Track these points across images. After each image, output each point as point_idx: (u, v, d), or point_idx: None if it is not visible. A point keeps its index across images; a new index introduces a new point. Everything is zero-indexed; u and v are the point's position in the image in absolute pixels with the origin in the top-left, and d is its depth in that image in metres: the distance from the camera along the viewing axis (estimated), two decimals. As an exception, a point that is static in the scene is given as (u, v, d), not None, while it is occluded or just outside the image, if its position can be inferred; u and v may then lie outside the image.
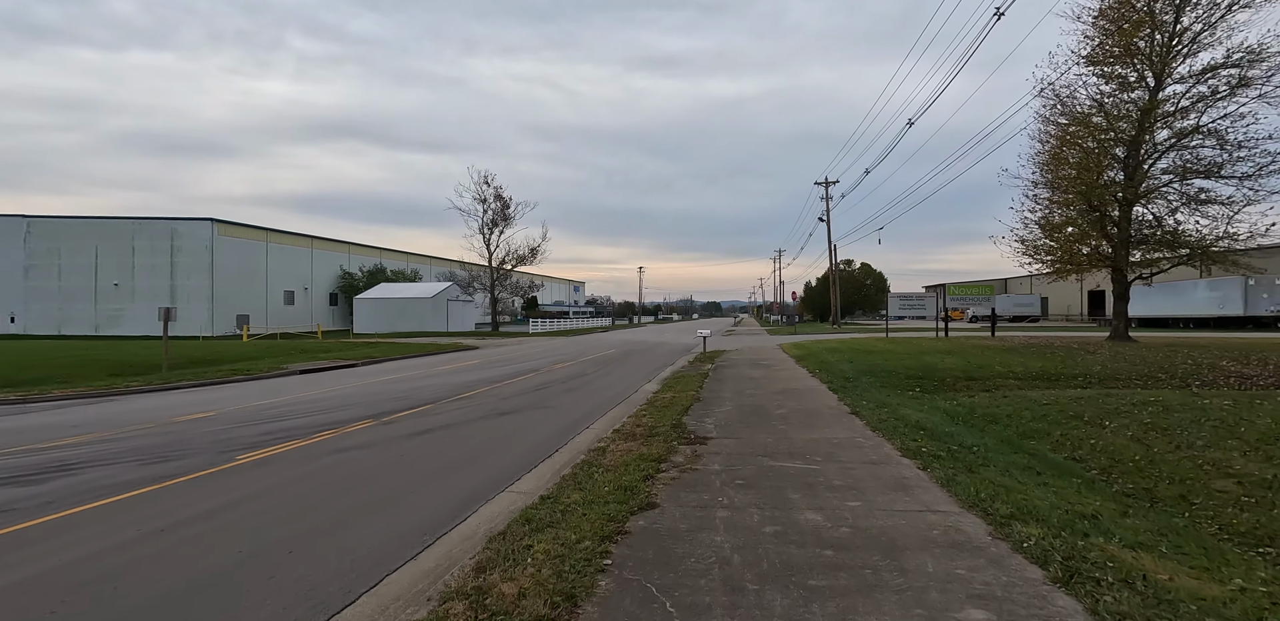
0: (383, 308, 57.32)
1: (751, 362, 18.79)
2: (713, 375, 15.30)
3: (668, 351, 26.87)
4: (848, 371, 15.14)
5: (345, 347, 29.85)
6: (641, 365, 20.08)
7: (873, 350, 21.14)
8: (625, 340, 37.08)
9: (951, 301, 28.40)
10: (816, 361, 18.13)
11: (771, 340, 34.71)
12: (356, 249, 73.99)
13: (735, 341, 34.42)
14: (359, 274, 70.52)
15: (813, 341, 28.53)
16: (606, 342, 34.36)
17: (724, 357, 21.19)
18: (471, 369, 19.43)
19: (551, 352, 26.38)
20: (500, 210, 52.03)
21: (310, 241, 66.10)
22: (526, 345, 32.99)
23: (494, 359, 23.51)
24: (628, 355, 24.42)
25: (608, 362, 21.15)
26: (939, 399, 11.49)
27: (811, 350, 22.63)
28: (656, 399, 11.20)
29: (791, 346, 25.61)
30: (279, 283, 61.18)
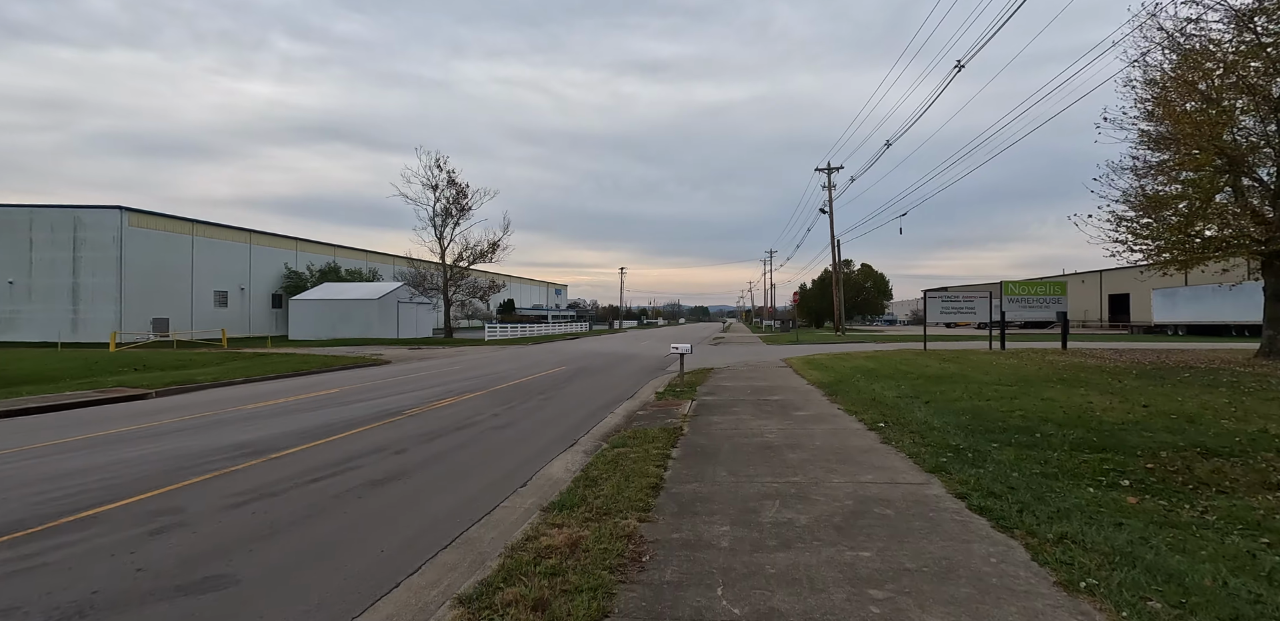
0: (322, 310, 49.96)
1: (756, 399, 11.77)
2: (691, 433, 8.26)
3: (635, 370, 19.85)
4: (934, 422, 8.18)
5: (221, 360, 22.56)
6: (584, 399, 13.03)
7: (933, 374, 14.20)
8: (590, 351, 29.99)
9: (1011, 304, 21.57)
10: (859, 396, 11.16)
11: (770, 352, 27.79)
12: (306, 245, 66.48)
13: (725, 354, 27.42)
14: (308, 273, 63.04)
15: (828, 355, 21.62)
16: (564, 355, 27.25)
17: (711, 383, 14.20)
18: (304, 407, 12.27)
19: (476, 372, 19.28)
20: (455, 198, 44.85)
21: (248, 236, 58.57)
22: (461, 359, 25.82)
23: (380, 384, 16.36)
24: (575, 378, 17.35)
25: (537, 393, 14.09)
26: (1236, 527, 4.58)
27: (837, 371, 15.71)
28: (535, 542, 4.20)
29: (804, 363, 18.67)
30: (209, 281, 53.56)
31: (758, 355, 25.57)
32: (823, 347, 30.06)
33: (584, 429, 9.29)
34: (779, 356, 23.85)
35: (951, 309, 21.45)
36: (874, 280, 67.80)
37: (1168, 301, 42.74)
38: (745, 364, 20.17)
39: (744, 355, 25.91)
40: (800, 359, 20.60)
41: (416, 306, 53.11)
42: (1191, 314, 40.17)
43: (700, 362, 21.38)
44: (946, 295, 21.64)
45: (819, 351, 25.99)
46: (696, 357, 24.09)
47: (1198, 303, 39.37)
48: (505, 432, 9.05)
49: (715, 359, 23.56)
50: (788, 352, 26.63)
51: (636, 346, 33.92)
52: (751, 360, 22.14)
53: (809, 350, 27.98)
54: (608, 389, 14.57)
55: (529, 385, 15.22)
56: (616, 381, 16.32)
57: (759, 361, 21.19)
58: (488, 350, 31.97)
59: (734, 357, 24.26)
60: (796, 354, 25.01)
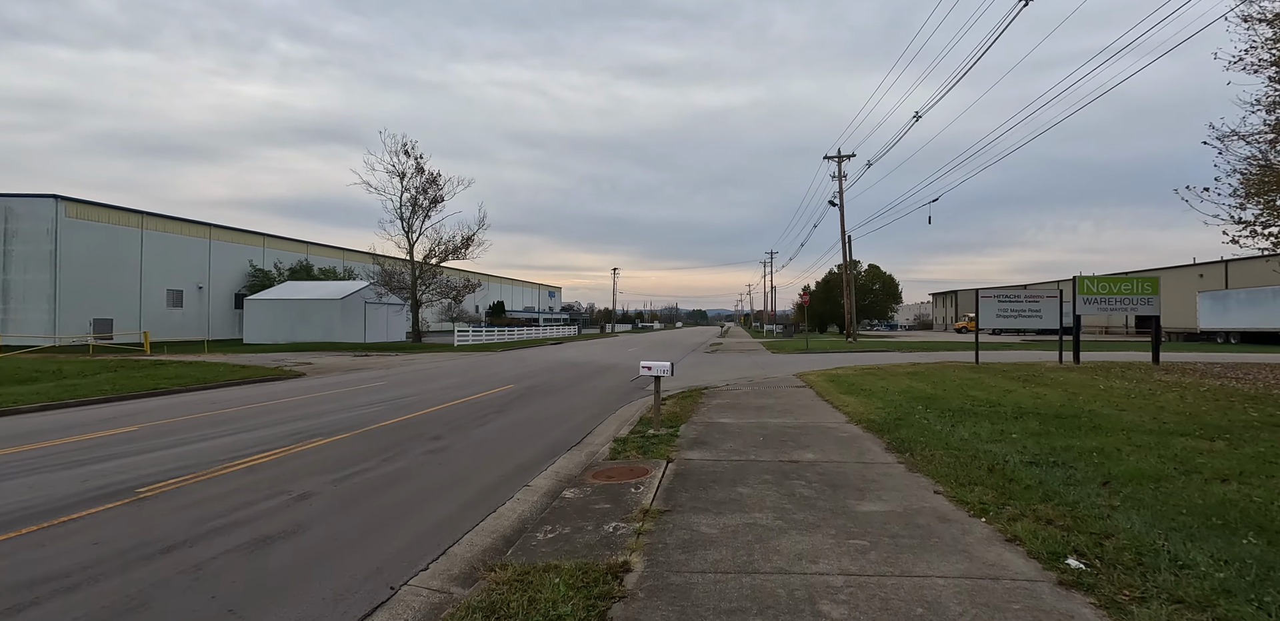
0: (280, 312, 45.26)
1: (776, 461, 7.03)
2: (646, 597, 3.58)
3: (605, 389, 15.15)
4: (1216, 574, 3.55)
5: (97, 370, 17.82)
6: (498, 451, 8.30)
7: (1040, 409, 9.41)
8: (563, 360, 25.28)
9: (1088, 306, 16.88)
10: (951, 454, 6.41)
11: (777, 363, 23.12)
12: (275, 242, 61.79)
13: (723, 366, 22.74)
14: (275, 271, 58.36)
15: (854, 370, 16.92)
16: (529, 366, 22.56)
17: (702, 417, 9.47)
18: (67, 459, 7.57)
19: (392, 393, 14.60)
20: (423, 188, 40.18)
21: (207, 230, 53.86)
22: (398, 371, 21.14)
23: (236, 414, 11.68)
24: (516, 404, 12.68)
25: (437, 434, 9.38)
26: None
27: (881, 397, 10.99)
28: None
29: (827, 382, 13.94)
30: (161, 279, 48.83)
31: (762, 367, 20.89)
32: (837, 357, 25.40)
33: (433, 547, 4.57)
34: (790, 369, 19.18)
35: (1012, 312, 16.80)
36: (883, 282, 63.16)
37: (1217, 306, 38.16)
38: (749, 381, 15.51)
39: (746, 367, 21.23)
40: (820, 375, 15.90)
41: (387, 307, 48.40)
42: (1247, 319, 35.58)
43: (691, 378, 16.71)
44: (1005, 294, 16.98)
45: (837, 363, 21.32)
46: (688, 371, 19.43)
47: (1255, 307, 34.77)
48: (246, 567, 4.33)
49: (710, 373, 18.90)
50: (799, 364, 21.96)
51: (620, 354, 29.23)
52: (756, 375, 17.47)
53: (823, 361, 23.32)
54: (550, 426, 9.86)
55: (440, 417, 10.51)
56: (570, 409, 11.61)
57: (766, 377, 16.53)
58: (446, 358, 27.27)
59: (733, 370, 19.60)
60: (810, 366, 20.33)
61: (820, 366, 19.86)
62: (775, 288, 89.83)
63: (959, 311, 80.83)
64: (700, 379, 17.07)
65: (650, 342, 44.63)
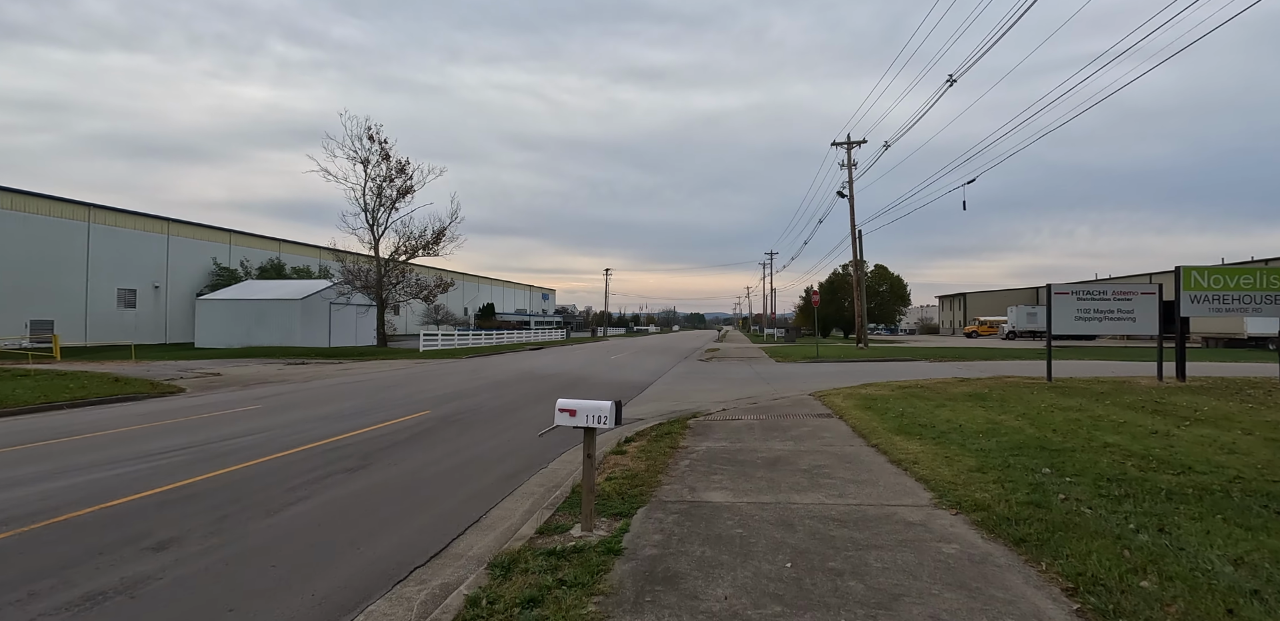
0: (235, 313, 41.18)
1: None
2: None
3: (549, 423, 11.01)
4: None
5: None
6: (256, 593, 4.12)
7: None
8: (524, 372, 21.16)
9: (1197, 305, 12.82)
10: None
11: (786, 376, 19.02)
12: (243, 238, 57.72)
13: (719, 380, 18.67)
14: (242, 270, 54.28)
15: (895, 390, 12.76)
16: (479, 381, 18.47)
17: (675, 485, 5.36)
18: None
19: (266, 422, 10.53)
20: (389, 176, 36.11)
21: (165, 225, 49.77)
22: (319, 384, 17.08)
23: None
24: (401, 449, 8.60)
25: (196, 532, 5.28)
26: None
27: (964, 441, 6.84)
28: None
29: (862, 410, 9.76)
30: (110, 277, 44.71)
31: (768, 381, 16.79)
32: (856, 368, 21.32)
33: None
34: (803, 384, 15.08)
35: (1095, 313, 12.69)
36: (890, 283, 59.05)
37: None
38: (752, 404, 11.43)
39: (748, 381, 17.12)
40: (847, 395, 11.77)
41: (355, 309, 44.28)
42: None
43: (677, 397, 12.66)
44: (1087, 291, 12.86)
45: (860, 376, 17.25)
46: (675, 386, 15.36)
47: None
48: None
49: (702, 389, 14.81)
50: (812, 376, 17.88)
51: (599, 363, 25.15)
52: (761, 393, 13.40)
53: (841, 372, 19.25)
54: (418, 502, 5.71)
55: (250, 480, 6.34)
56: (480, 460, 7.47)
57: (775, 397, 12.46)
58: (396, 367, 23.18)
59: (732, 386, 15.50)
60: (828, 380, 16.25)
61: (841, 381, 15.79)
62: (775, 289, 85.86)
63: (968, 315, 76.76)
64: (688, 399, 13.00)
65: (639, 348, 40.53)
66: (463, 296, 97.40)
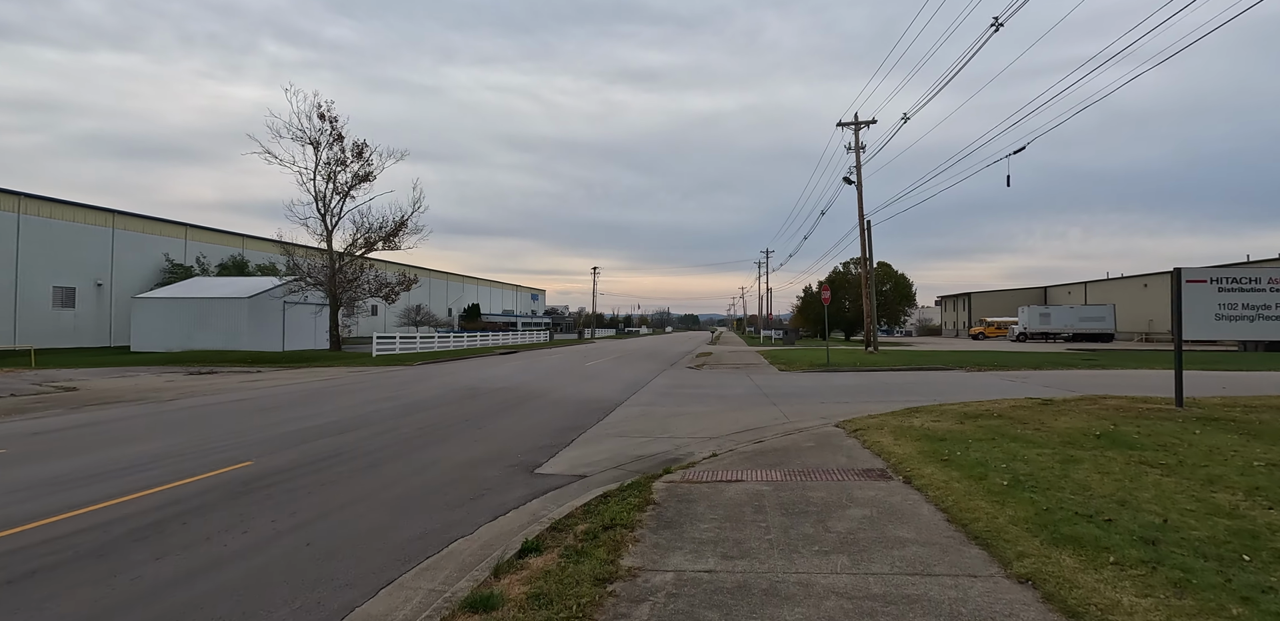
0: (175, 313, 37.05)
1: None
2: None
3: (449, 481, 7.02)
4: None
5: None
6: None
7: None
8: (469, 387, 17.11)
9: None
10: None
11: (793, 389, 15.04)
12: (201, 233, 53.52)
13: (709, 395, 14.68)
14: (198, 266, 50.08)
15: (973, 422, 8.79)
16: (398, 400, 14.45)
17: None
18: None
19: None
20: (340, 159, 32.03)
21: (110, 217, 45.55)
22: (179, 405, 13.08)
23: None
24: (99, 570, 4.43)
25: None
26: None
27: (1205, 575, 2.97)
28: None
29: (954, 470, 5.75)
30: (44, 274, 40.50)
31: (773, 401, 12.82)
32: (877, 380, 17.40)
33: None
34: (823, 409, 11.13)
35: (1247, 309, 8.82)
36: (894, 282, 55.24)
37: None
38: (757, 446, 7.49)
39: (748, 401, 13.16)
40: (901, 435, 7.78)
41: (313, 309, 40.15)
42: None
43: (649, 430, 8.70)
44: (1233, 277, 8.98)
45: (892, 395, 13.34)
46: (651, 410, 11.37)
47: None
48: None
49: (685, 415, 10.82)
50: (829, 394, 13.94)
51: (570, 372, 21.18)
52: (767, 423, 9.47)
53: (863, 388, 15.32)
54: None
55: None
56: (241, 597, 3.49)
57: (787, 431, 8.53)
58: (323, 376, 19.17)
59: (726, 409, 11.52)
60: (856, 401, 12.33)
61: (870, 400, 11.86)
62: (771, 289, 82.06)
63: (972, 316, 73.11)
64: (665, 430, 9.04)
65: (623, 352, 36.53)
66: (447, 296, 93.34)
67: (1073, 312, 52.59)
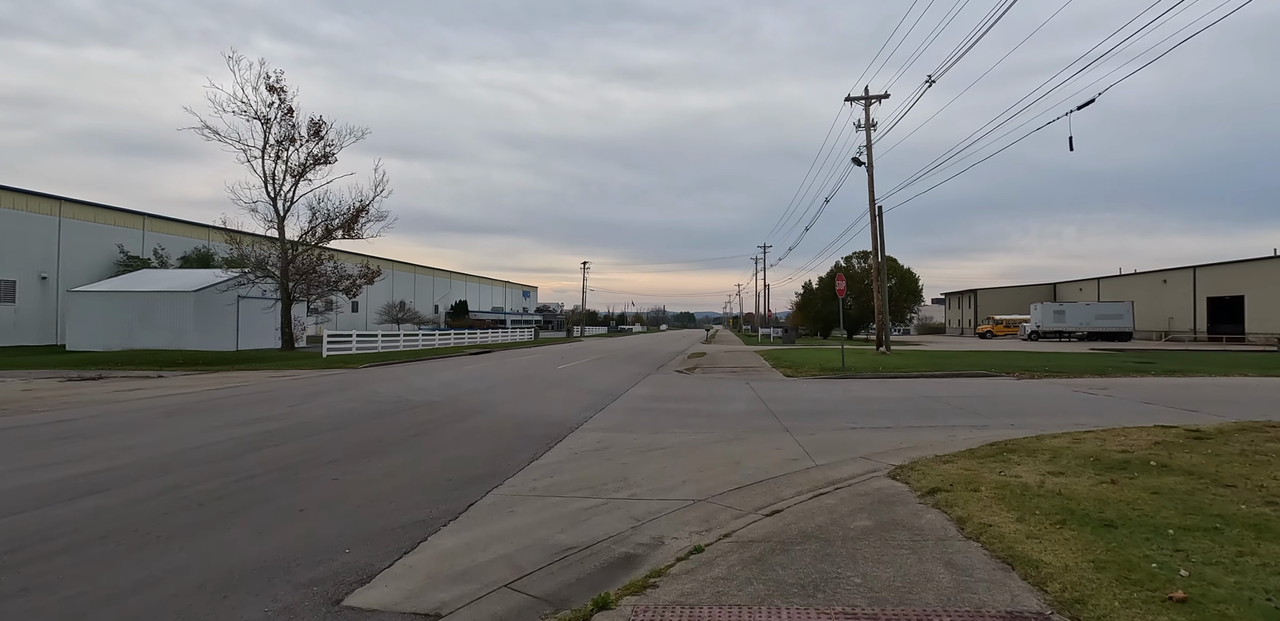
0: (116, 308, 33.46)
1: None
2: None
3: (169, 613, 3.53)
4: None
5: None
6: None
7: None
8: (388, 400, 13.78)
9: None
10: None
11: (813, 406, 11.59)
12: (160, 223, 49.92)
13: (698, 412, 11.19)
14: (156, 258, 46.48)
15: (1126, 473, 5.48)
16: (286, 421, 11.02)
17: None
18: None
19: None
20: (293, 137, 28.49)
21: (57, 206, 42.00)
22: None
23: None
24: None
25: None
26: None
27: None
28: None
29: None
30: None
31: (786, 426, 9.39)
32: (910, 390, 14.00)
33: None
34: (859, 440, 7.71)
35: None
36: (900, 277, 52.02)
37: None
38: (778, 528, 4.14)
39: (749, 422, 9.72)
40: (1029, 510, 4.47)
41: (271, 303, 36.60)
42: None
43: (586, 489, 5.18)
44: None
45: (949, 418, 9.96)
46: (605, 446, 7.87)
47: None
48: None
49: (654, 458, 7.30)
50: (859, 415, 10.54)
51: (528, 381, 17.72)
52: (782, 470, 6.06)
53: (902, 403, 11.94)
54: None
55: None
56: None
57: (815, 490, 5.15)
58: (237, 380, 15.73)
59: (717, 444, 8.07)
60: (896, 425, 8.98)
61: (930, 428, 8.49)
62: (769, 285, 78.69)
63: (978, 313, 69.91)
64: (623, 481, 5.56)
65: (608, 352, 33.10)
66: (433, 293, 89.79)
67: (1089, 310, 49.39)
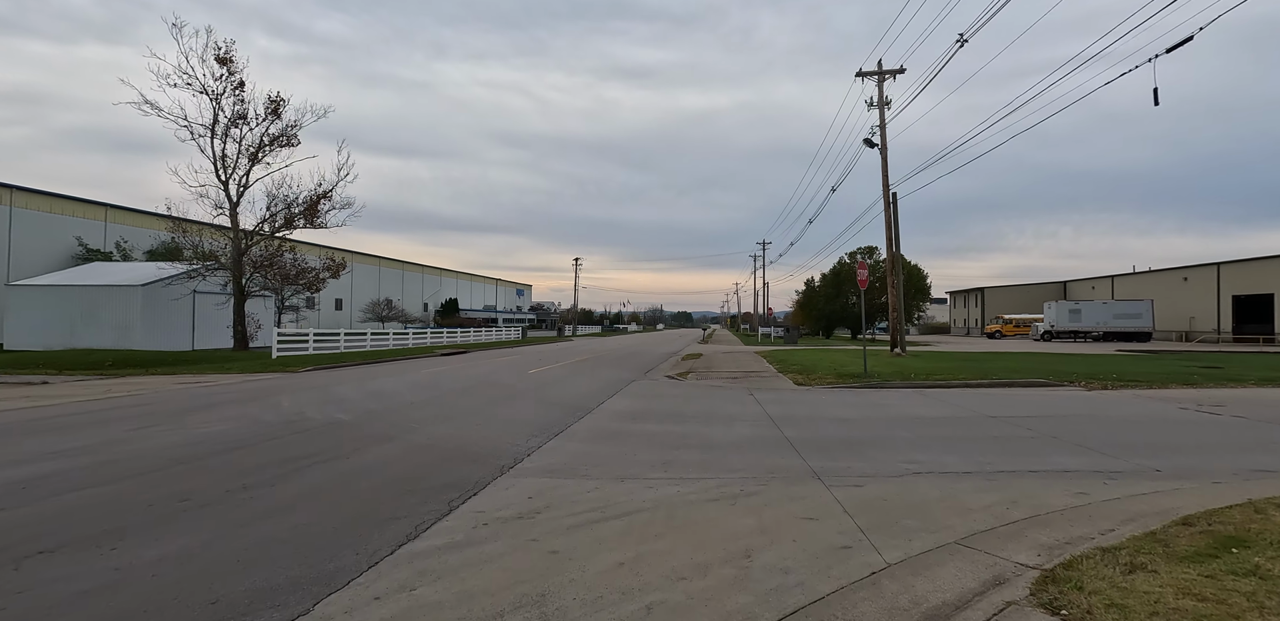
0: (56, 303, 30.47)
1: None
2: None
3: None
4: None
5: None
6: None
7: None
8: (279, 422, 10.88)
9: None
10: None
11: (837, 424, 8.74)
12: (124, 215, 46.89)
13: (682, 429, 8.23)
14: (119, 252, 43.53)
15: None
16: (140, 443, 8.07)
17: None
18: None
19: None
20: (244, 115, 25.54)
21: (8, 194, 39.03)
22: None
23: None
24: None
25: None
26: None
27: None
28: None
29: None
30: (-86, 258, 34.09)
31: (817, 470, 6.55)
32: (958, 406, 11.18)
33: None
34: (934, 499, 4.90)
35: None
36: (908, 274, 49.25)
37: None
38: None
39: (759, 454, 6.86)
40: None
41: (221, 300, 33.63)
42: None
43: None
44: None
45: (1041, 452, 7.13)
46: (529, 512, 4.94)
47: None
48: None
49: (603, 531, 4.42)
50: (915, 446, 7.72)
51: (480, 391, 14.75)
52: (820, 564, 3.33)
53: (951, 426, 9.15)
54: None
55: None
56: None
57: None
58: (126, 390, 12.85)
59: (715, 523, 5.27)
60: (982, 474, 6.15)
61: (1037, 476, 5.67)
62: (768, 283, 75.86)
63: (985, 313, 67.19)
64: None
65: (594, 353, 30.23)
66: (422, 291, 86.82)
67: (1106, 309, 46.66)
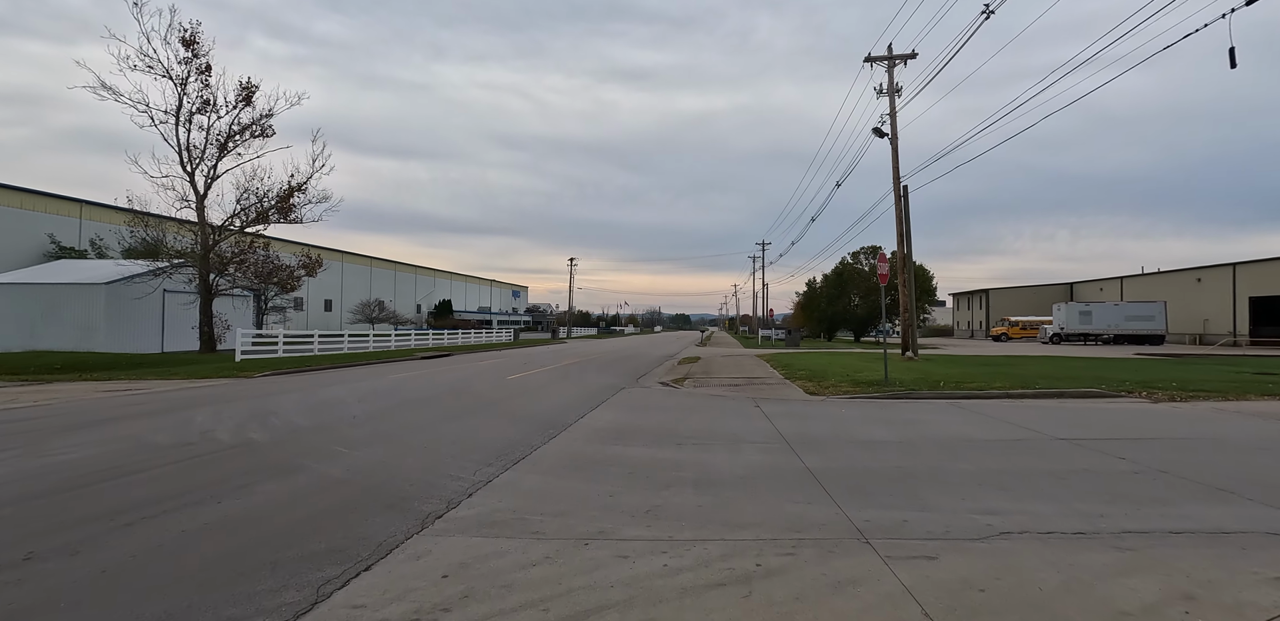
0: (16, 302, 28.66)
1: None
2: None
3: None
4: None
5: None
6: None
7: None
8: (199, 431, 9.01)
9: None
10: None
11: (897, 477, 6.96)
12: (99, 211, 44.94)
13: (670, 475, 6.38)
14: (94, 250, 41.69)
15: None
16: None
17: None
18: None
19: None
20: (210, 102, 23.77)
21: (-29, 188, 37.16)
22: None
23: None
24: None
25: None
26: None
27: None
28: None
29: None
30: None
31: (867, 530, 4.77)
32: (1015, 425, 9.38)
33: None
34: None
35: None
36: (915, 273, 47.60)
37: None
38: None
39: (778, 505, 5.05)
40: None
41: (189, 299, 31.79)
42: None
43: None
44: None
45: (1159, 497, 5.31)
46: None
47: None
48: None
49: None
50: (988, 493, 5.89)
51: (460, 398, 12.88)
52: None
53: (1023, 455, 7.34)
54: None
55: None
56: None
57: None
58: (41, 398, 11.04)
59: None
60: (1113, 549, 4.36)
61: (1194, 543, 3.86)
62: (767, 284, 74.19)
63: (990, 314, 65.53)
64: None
65: (586, 357, 28.42)
66: (416, 292, 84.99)
67: (1118, 311, 44.97)
